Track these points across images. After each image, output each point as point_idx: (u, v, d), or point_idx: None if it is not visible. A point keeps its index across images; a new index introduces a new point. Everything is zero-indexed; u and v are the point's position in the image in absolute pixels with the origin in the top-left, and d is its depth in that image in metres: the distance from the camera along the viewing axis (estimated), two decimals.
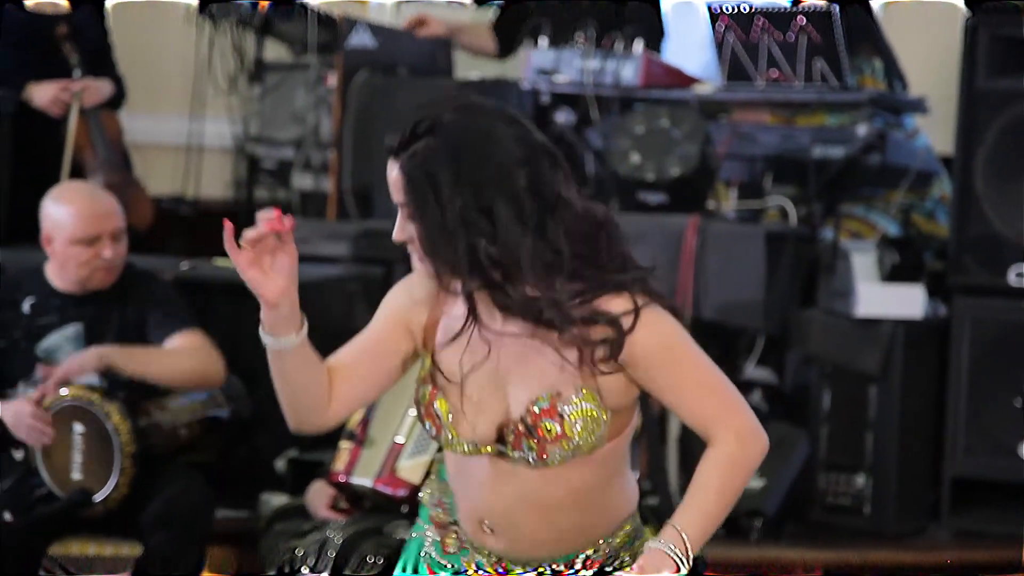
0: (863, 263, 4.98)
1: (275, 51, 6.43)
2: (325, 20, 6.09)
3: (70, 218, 4.08)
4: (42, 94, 5.38)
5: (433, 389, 2.35)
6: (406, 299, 2.40)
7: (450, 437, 2.34)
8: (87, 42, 5.50)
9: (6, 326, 4.13)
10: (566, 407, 2.27)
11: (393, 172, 2.29)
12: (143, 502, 3.97)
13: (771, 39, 5.26)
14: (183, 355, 4.09)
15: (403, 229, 2.29)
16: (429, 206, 2.22)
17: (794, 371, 5.13)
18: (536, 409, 2.28)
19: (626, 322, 2.25)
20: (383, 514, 3.90)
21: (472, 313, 2.27)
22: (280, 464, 4.56)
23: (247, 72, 6.27)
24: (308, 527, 3.90)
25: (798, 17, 5.21)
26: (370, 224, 5.47)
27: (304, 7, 6.16)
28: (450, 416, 2.34)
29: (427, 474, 3.78)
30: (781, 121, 5.39)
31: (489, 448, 2.33)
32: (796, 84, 5.25)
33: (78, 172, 5.36)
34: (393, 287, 2.45)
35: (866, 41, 5.45)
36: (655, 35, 5.85)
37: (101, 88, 5.49)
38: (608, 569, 2.40)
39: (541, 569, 2.40)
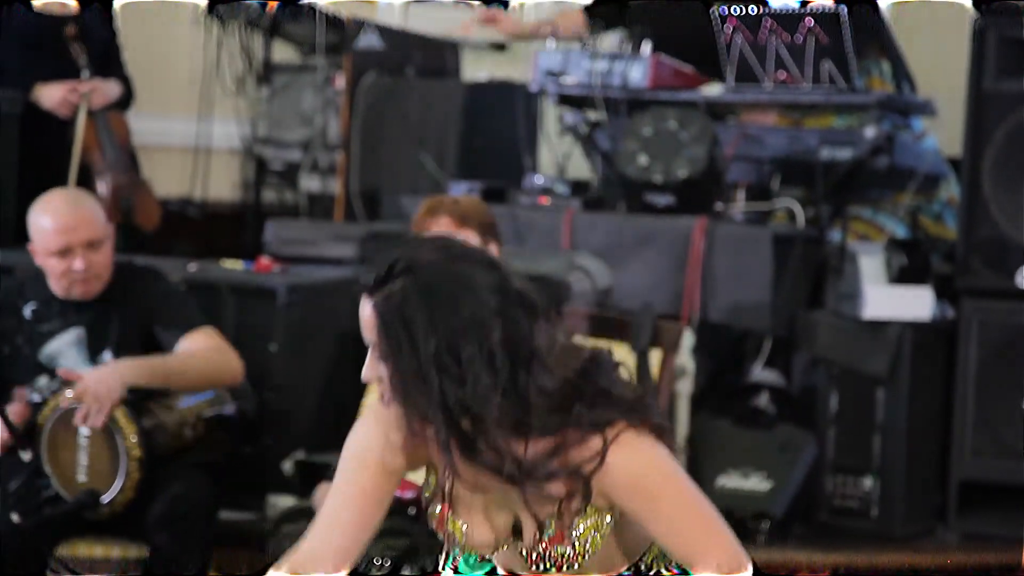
0: (871, 265, 4.97)
1: (283, 52, 6.43)
2: (333, 21, 6.09)
3: (44, 230, 4.06)
4: (50, 95, 5.39)
5: (444, 507, 2.31)
6: (383, 441, 2.31)
7: (461, 548, 2.34)
8: (95, 43, 5.51)
9: (8, 332, 4.12)
10: (574, 532, 2.25)
11: (366, 310, 2.22)
12: (148, 503, 3.96)
13: (779, 41, 5.26)
14: (201, 359, 4.08)
15: (373, 368, 2.22)
16: (402, 349, 2.15)
17: (802, 373, 5.13)
18: (544, 538, 2.26)
19: (589, 467, 2.19)
20: (390, 516, 3.89)
21: (451, 466, 2.19)
22: (287, 466, 4.56)
23: (255, 73, 6.28)
24: None
25: (806, 19, 5.21)
26: (377, 226, 5.47)
27: (312, 8, 6.17)
28: (462, 530, 2.31)
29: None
30: (789, 123, 5.39)
31: (501, 559, 2.33)
32: (804, 86, 5.25)
33: (86, 173, 5.36)
34: (363, 427, 2.34)
35: (874, 42, 5.45)
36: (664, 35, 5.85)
37: (109, 89, 5.49)
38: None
39: None
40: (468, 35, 6.46)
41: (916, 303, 4.92)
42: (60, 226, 4.04)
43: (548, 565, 2.28)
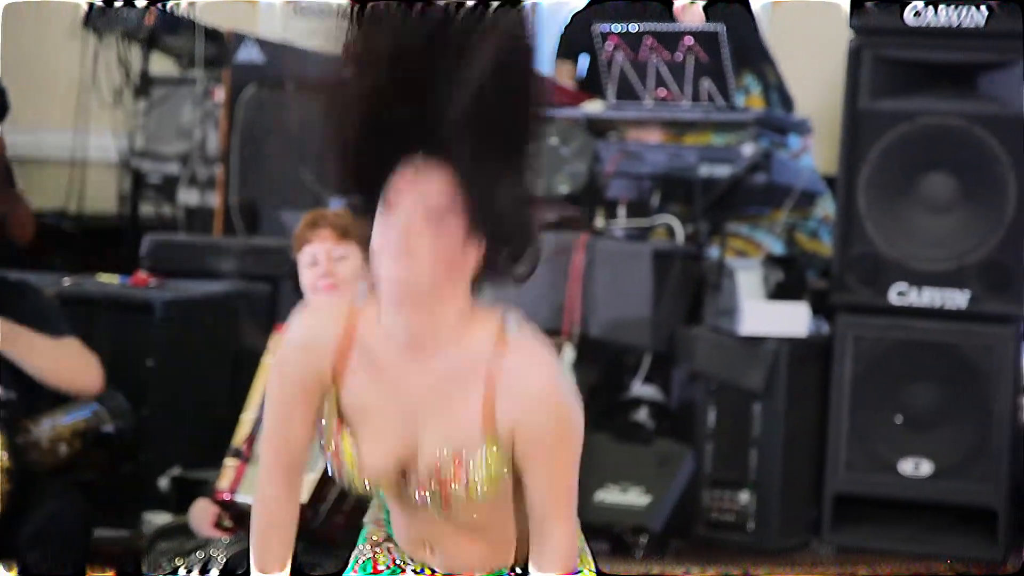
0: (748, 281, 5.02)
1: (161, 65, 6.37)
2: (212, 34, 6.05)
3: None
4: None
5: (338, 423, 2.28)
6: (303, 360, 2.28)
7: (352, 476, 2.30)
8: None
9: None
10: (471, 462, 2.24)
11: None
12: (21, 520, 3.91)
13: (659, 59, 5.30)
14: (62, 352, 4.04)
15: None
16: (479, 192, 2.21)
17: (680, 388, 5.16)
18: (439, 463, 2.25)
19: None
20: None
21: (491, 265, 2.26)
22: (163, 482, 4.51)
23: (133, 86, 6.22)
24: (192, 546, 3.86)
25: (685, 37, 5.26)
26: (256, 240, 5.44)
27: (191, 21, 6.12)
28: (353, 453, 2.28)
29: (313, 494, 3.76)
30: (669, 140, 5.43)
31: (391, 490, 2.31)
32: (683, 103, 5.30)
33: None
34: (281, 352, 2.31)
35: (753, 60, 5.52)
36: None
37: None
38: None
39: None
40: None
41: (792, 319, 4.97)
42: None
43: (433, 495, 2.26)
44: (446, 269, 2.19)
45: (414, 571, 2.40)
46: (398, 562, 2.42)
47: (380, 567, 2.42)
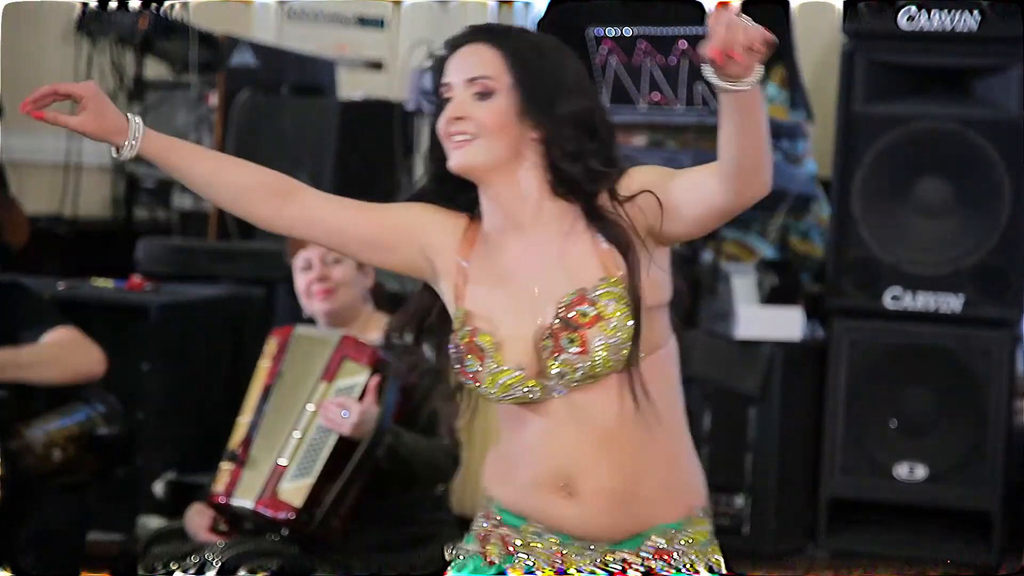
0: (743, 285, 5.03)
1: (155, 69, 6.37)
2: (206, 39, 6.05)
3: None
4: None
5: (473, 328, 2.35)
6: (431, 223, 2.41)
7: (494, 366, 2.33)
8: None
9: None
10: (594, 293, 2.30)
11: (480, 52, 2.35)
12: (16, 524, 3.90)
13: (653, 63, 5.31)
14: (57, 347, 4.03)
15: (462, 107, 2.33)
16: (534, 70, 2.34)
17: None
18: (566, 301, 2.30)
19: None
20: (264, 536, 3.86)
21: (558, 180, 2.34)
22: (159, 487, 4.51)
23: (127, 90, 6.21)
24: (187, 549, 3.86)
25: (679, 41, 5.27)
26: (251, 244, 5.44)
27: (185, 25, 6.12)
28: (494, 343, 2.33)
29: (309, 497, 3.76)
30: (662, 144, 5.44)
31: (532, 382, 2.32)
32: (677, 107, 5.30)
33: None
34: (418, 206, 2.43)
35: (780, 61, 5.51)
36: None
37: None
38: (677, 567, 2.37)
39: (608, 558, 2.36)
40: (343, 53, 6.46)
41: (787, 323, 4.98)
42: None
43: (572, 337, 2.29)
44: (504, 142, 2.33)
45: (533, 549, 2.38)
46: (512, 548, 2.40)
47: (492, 558, 2.42)
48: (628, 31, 5.33)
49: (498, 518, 2.42)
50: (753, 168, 2.23)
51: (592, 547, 2.36)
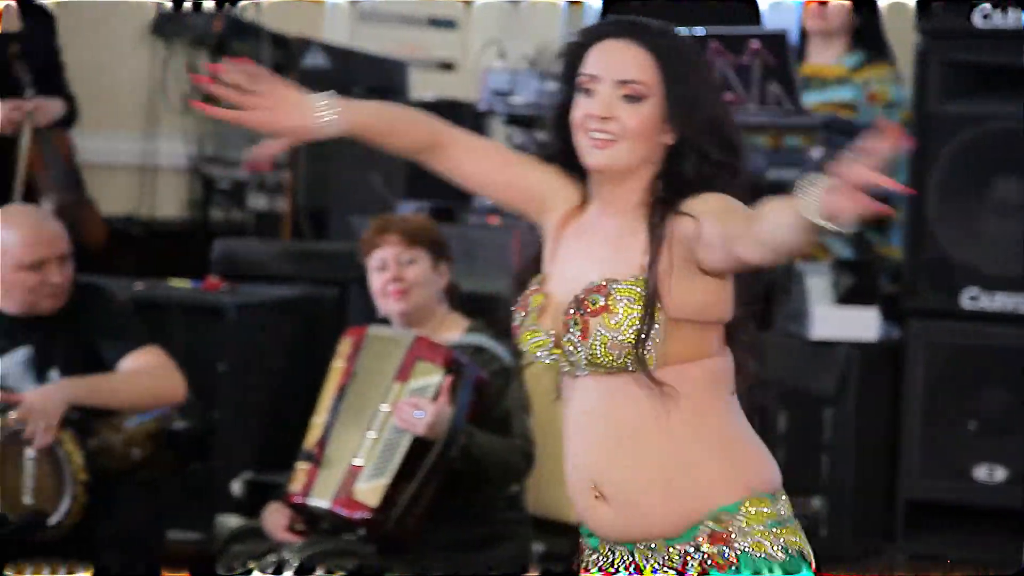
0: (818, 286, 5.00)
1: None
2: (279, 40, 6.08)
3: (15, 243, 4.04)
4: None
5: (536, 288, 2.43)
6: (559, 187, 2.47)
7: (530, 323, 2.39)
8: (38, 61, 5.47)
9: None
10: (615, 286, 2.33)
11: (632, 52, 2.37)
12: (97, 523, 3.93)
13: (726, 62, 5.28)
14: (143, 376, 4.06)
15: (610, 107, 2.36)
16: (682, 77, 2.36)
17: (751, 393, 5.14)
18: (590, 286, 2.34)
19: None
20: (340, 536, 3.88)
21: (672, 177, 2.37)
22: (236, 486, 4.54)
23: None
24: (264, 549, 3.88)
25: (752, 41, 5.24)
26: (325, 245, 5.46)
27: (258, 27, 6.15)
28: (540, 305, 2.40)
29: (384, 498, 3.77)
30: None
31: (558, 350, 2.36)
32: (750, 107, 5.28)
33: (31, 192, 5.33)
34: (556, 171, 2.50)
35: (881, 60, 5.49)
36: None
37: (53, 107, 5.45)
38: (740, 549, 2.37)
39: (671, 552, 2.37)
40: (415, 54, 6.47)
41: (863, 323, 4.94)
42: (36, 239, 4.04)
43: (576, 320, 2.33)
44: (645, 146, 2.36)
45: (613, 560, 2.40)
46: (605, 566, 2.41)
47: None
48: (700, 31, 5.31)
49: (584, 541, 2.46)
50: (779, 257, 2.29)
51: (653, 545, 2.37)
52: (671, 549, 2.36)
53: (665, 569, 2.36)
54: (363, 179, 5.74)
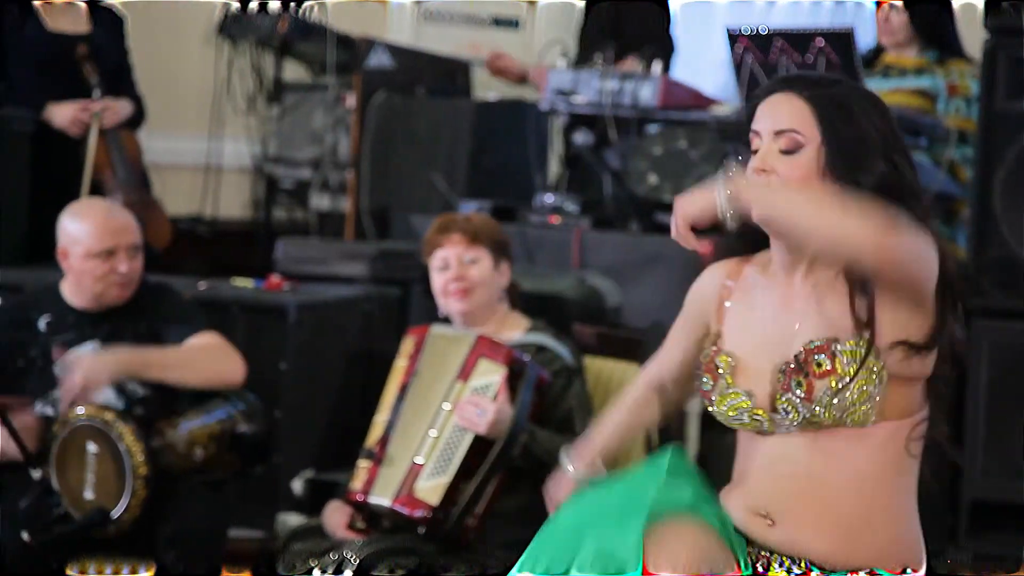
0: None
1: (294, 71, 6.45)
2: (344, 40, 6.11)
3: (86, 232, 4.09)
4: (62, 114, 5.41)
5: (717, 348, 2.44)
6: (700, 291, 2.56)
7: (725, 387, 2.39)
8: (106, 62, 5.52)
9: (23, 345, 4.14)
10: (838, 346, 2.32)
11: (789, 103, 2.39)
12: (158, 521, 3.96)
13: (789, 61, 5.26)
14: (200, 352, 4.10)
15: (767, 160, 2.39)
16: (843, 128, 2.35)
17: None
18: (810, 346, 2.34)
19: None
20: (400, 534, 3.89)
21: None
22: (297, 484, 4.55)
23: (266, 92, 6.30)
24: (326, 546, 3.90)
25: (816, 39, 5.21)
26: (387, 245, 5.48)
27: (323, 27, 6.18)
28: (730, 366, 2.41)
29: (445, 496, 3.78)
30: None
31: (761, 411, 2.36)
32: None
33: (98, 192, 5.37)
34: (704, 274, 2.59)
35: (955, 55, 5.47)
36: (667, 53, 5.89)
37: (120, 108, 5.50)
38: None
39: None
40: (478, 54, 6.49)
41: None
42: (105, 228, 4.09)
43: (799, 381, 2.34)
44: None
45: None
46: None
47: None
48: (764, 28, 5.29)
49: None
50: (836, 245, 2.30)
51: (796, 561, 2.40)
52: (812, 572, 2.39)
53: None
54: (425, 179, 5.76)
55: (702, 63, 6.49)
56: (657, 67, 5.53)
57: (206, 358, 4.10)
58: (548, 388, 3.90)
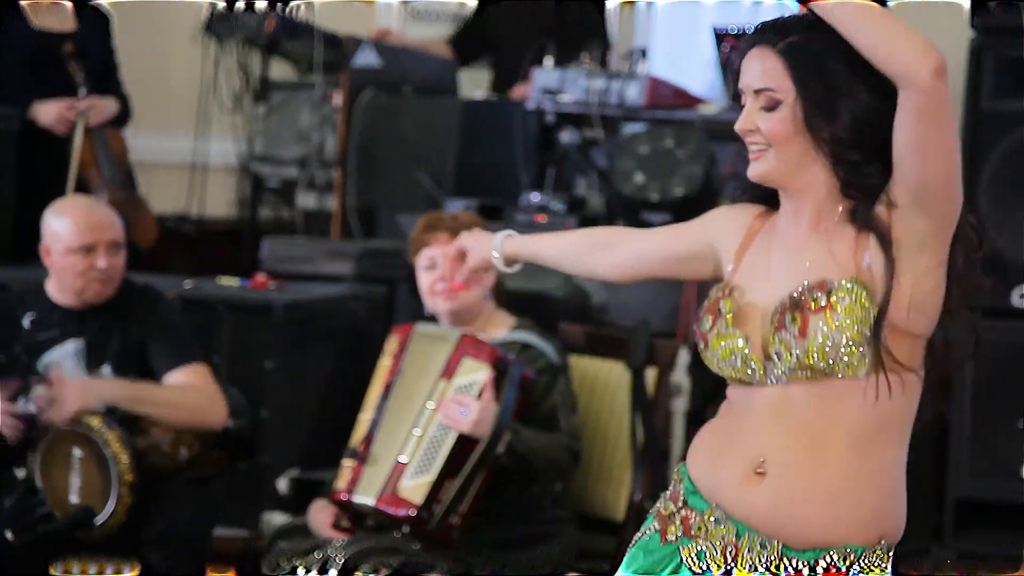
0: None
1: (280, 70, 6.44)
2: (331, 39, 6.10)
3: (67, 228, 4.10)
4: (47, 112, 5.40)
5: (723, 293, 2.44)
6: (723, 220, 2.53)
7: (724, 326, 2.38)
8: (92, 60, 5.52)
9: (6, 341, 4.13)
10: (836, 283, 2.32)
11: (764, 58, 2.37)
12: (143, 521, 3.96)
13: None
14: (189, 394, 4.09)
15: (749, 119, 2.38)
16: (816, 83, 2.33)
17: None
18: (805, 284, 2.33)
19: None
20: (385, 533, 3.89)
21: (853, 191, 2.35)
22: (282, 483, 4.55)
23: (252, 91, 6.29)
24: (310, 546, 3.90)
25: None
26: (373, 243, 5.48)
27: (310, 26, 6.17)
28: (732, 309, 2.39)
29: (429, 495, 3.77)
30: None
31: (754, 358, 2.34)
32: None
33: (83, 190, 5.37)
34: (737, 208, 2.54)
35: None
36: (604, 51, 5.94)
37: (106, 106, 5.50)
38: None
39: (782, 562, 2.36)
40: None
41: None
42: (86, 224, 4.09)
43: (794, 317, 2.32)
44: (794, 151, 2.34)
45: (711, 535, 2.40)
46: (693, 531, 2.41)
47: (669, 537, 2.44)
48: (751, 28, 5.29)
49: (683, 500, 2.44)
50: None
51: (768, 545, 2.35)
52: (785, 558, 2.35)
53: (765, 571, 2.36)
54: (412, 178, 5.76)
55: (689, 62, 6.49)
56: (643, 66, 5.54)
57: (193, 402, 4.09)
58: (532, 386, 3.90)
